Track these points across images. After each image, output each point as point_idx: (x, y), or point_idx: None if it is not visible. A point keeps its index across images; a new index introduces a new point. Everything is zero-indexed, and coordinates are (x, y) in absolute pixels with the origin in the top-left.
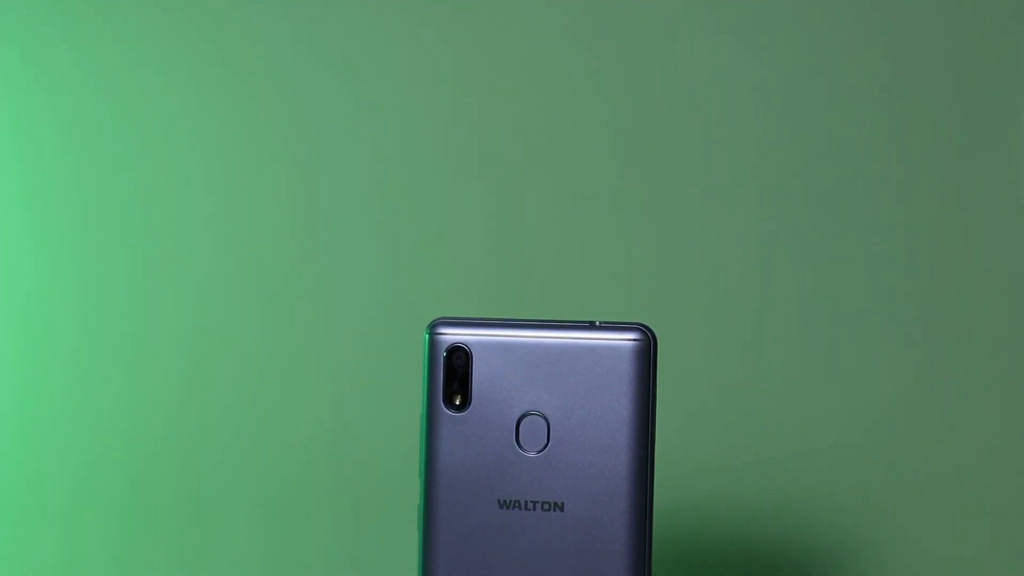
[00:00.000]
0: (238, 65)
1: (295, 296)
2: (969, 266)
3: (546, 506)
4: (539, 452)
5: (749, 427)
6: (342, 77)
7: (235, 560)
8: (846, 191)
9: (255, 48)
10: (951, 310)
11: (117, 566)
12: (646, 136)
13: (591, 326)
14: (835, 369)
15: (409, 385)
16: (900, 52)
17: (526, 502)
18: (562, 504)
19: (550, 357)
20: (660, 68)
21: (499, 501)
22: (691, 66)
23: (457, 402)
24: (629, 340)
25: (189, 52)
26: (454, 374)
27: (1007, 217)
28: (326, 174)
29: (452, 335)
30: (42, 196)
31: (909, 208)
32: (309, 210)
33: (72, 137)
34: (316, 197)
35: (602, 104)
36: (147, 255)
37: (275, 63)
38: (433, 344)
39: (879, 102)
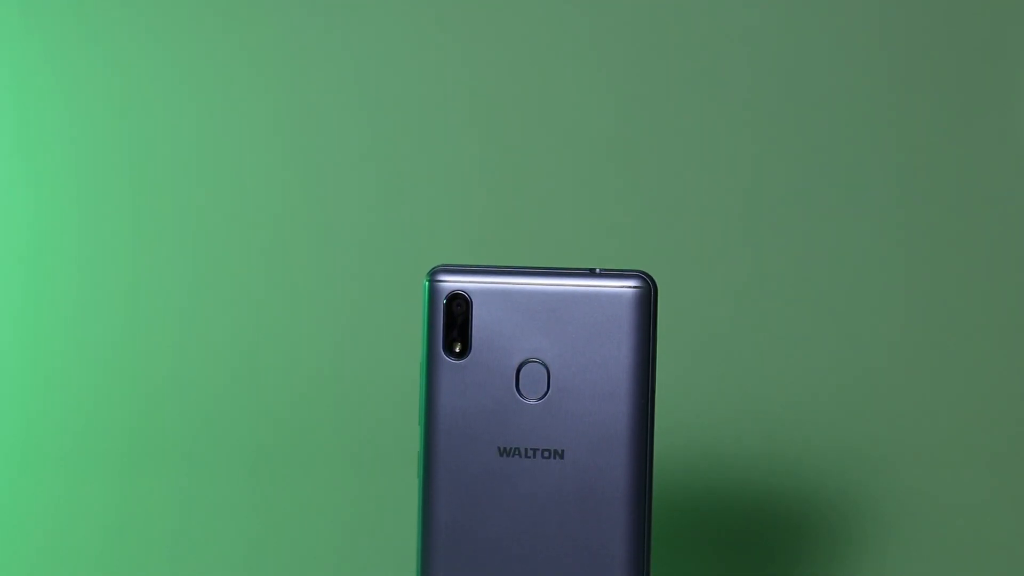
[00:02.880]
0: (233, 12)
1: (294, 244)
2: (969, 213)
3: (546, 453)
4: (539, 399)
5: (749, 374)
6: (338, 22)
7: (234, 507)
8: (845, 140)
9: None
10: (951, 259)
11: (117, 512)
12: (645, 83)
13: (591, 273)
14: (835, 317)
15: (409, 333)
16: None
17: (526, 449)
18: (562, 451)
19: (550, 304)
20: (657, 17)
21: (499, 448)
22: (688, 14)
23: (457, 349)
24: (629, 287)
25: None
26: (454, 321)
27: (1008, 163)
28: (324, 122)
29: (452, 282)
30: (40, 145)
31: (908, 155)
32: (308, 157)
33: (68, 83)
34: (315, 145)
35: (601, 52)
36: (143, 203)
37: (270, 9)
38: (433, 291)
39: (874, 45)
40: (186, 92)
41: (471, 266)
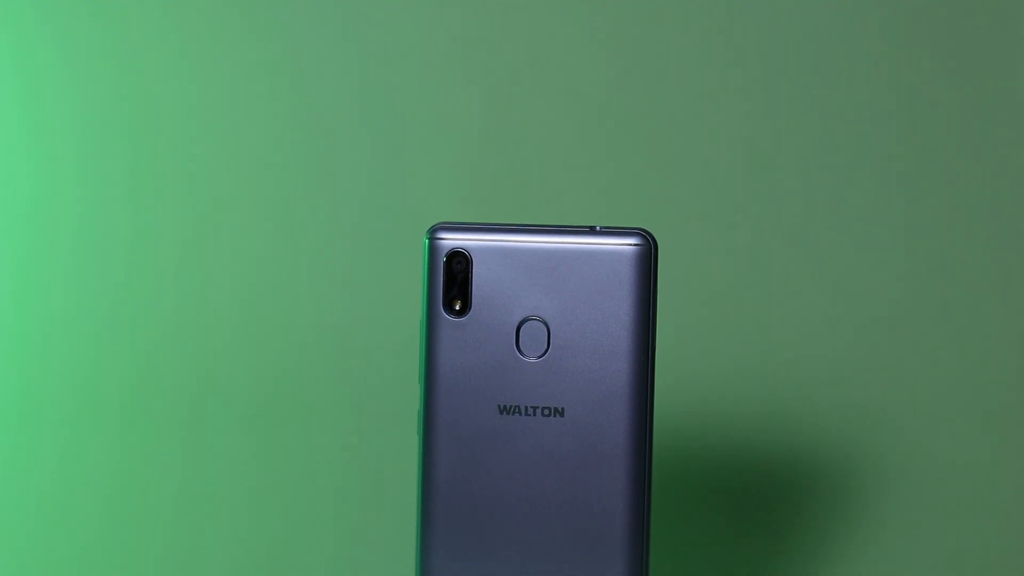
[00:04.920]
0: None
1: (293, 202)
2: (970, 170)
3: (546, 411)
4: (539, 357)
5: (749, 332)
6: None
7: (234, 465)
8: (846, 96)
9: None
10: (950, 214)
11: (117, 467)
12: (646, 38)
13: (591, 231)
14: (836, 274)
15: (409, 290)
16: None
17: (526, 407)
18: (562, 409)
19: (550, 262)
20: None
21: (499, 406)
22: None
23: (457, 307)
24: (630, 245)
25: None
26: (454, 279)
27: (1010, 118)
28: (325, 77)
29: (452, 240)
30: (38, 98)
31: (910, 111)
32: (308, 113)
33: (66, 43)
34: (315, 101)
35: (600, 8)
36: (142, 161)
37: None
38: (433, 249)
39: (877, 10)
40: (182, 50)
41: (471, 223)
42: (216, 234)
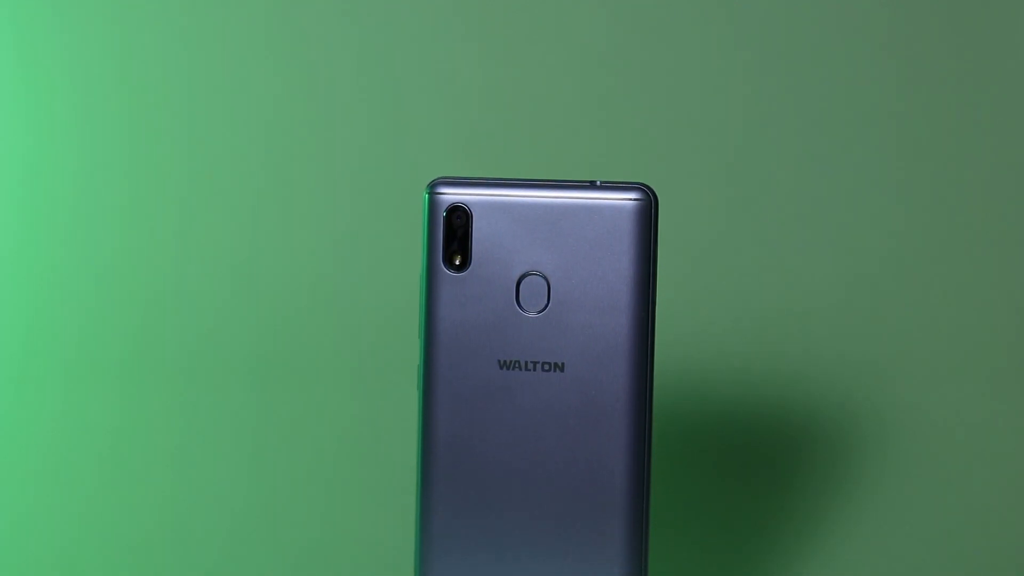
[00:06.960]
0: None
1: (294, 157)
2: (971, 126)
3: (547, 366)
4: (539, 312)
5: (749, 287)
6: None
7: (234, 421)
8: (844, 51)
9: None
10: (952, 170)
11: (116, 426)
12: None
13: (592, 185)
14: (836, 228)
15: (409, 245)
16: None
17: (526, 362)
18: (563, 364)
19: (551, 217)
20: None
21: (499, 361)
22: None
23: (457, 262)
24: (630, 200)
25: None
26: (454, 234)
27: (1009, 75)
28: (324, 33)
29: (452, 195)
30: (36, 55)
31: (908, 64)
32: (308, 69)
33: (62, 5)
34: (316, 55)
35: None
36: (140, 118)
37: None
38: (433, 204)
39: None
40: (179, 4)
41: (471, 178)
42: (217, 189)
